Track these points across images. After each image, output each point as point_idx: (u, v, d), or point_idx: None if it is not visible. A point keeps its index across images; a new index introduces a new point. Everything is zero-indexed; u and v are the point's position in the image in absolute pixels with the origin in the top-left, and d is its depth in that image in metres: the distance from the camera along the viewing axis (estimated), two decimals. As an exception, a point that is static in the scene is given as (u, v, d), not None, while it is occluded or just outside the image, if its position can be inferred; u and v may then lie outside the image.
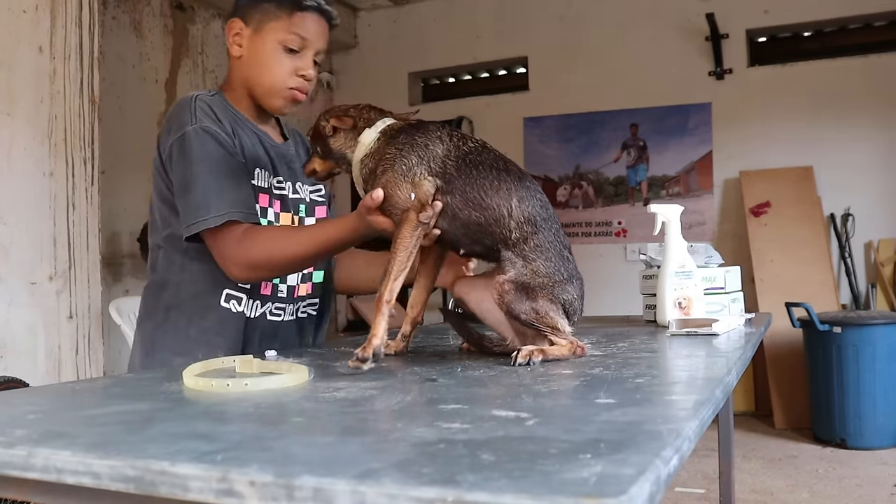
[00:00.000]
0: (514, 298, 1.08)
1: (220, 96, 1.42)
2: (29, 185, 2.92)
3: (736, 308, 1.78)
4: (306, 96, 1.43)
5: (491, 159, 1.15)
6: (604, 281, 5.25)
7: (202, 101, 1.35)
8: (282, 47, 1.38)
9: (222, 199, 1.27)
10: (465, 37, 5.80)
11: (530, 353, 1.05)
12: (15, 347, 2.85)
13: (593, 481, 0.47)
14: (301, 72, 1.40)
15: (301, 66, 1.39)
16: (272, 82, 1.39)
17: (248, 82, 1.42)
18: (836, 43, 5.14)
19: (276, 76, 1.39)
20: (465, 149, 1.14)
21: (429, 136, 1.14)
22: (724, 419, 2.15)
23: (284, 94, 1.41)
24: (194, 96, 1.36)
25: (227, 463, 0.55)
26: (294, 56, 1.39)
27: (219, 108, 1.37)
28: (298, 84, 1.40)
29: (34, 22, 2.94)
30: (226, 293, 1.37)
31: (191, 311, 1.38)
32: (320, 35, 1.41)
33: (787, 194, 4.84)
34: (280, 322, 1.45)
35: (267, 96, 1.41)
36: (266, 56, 1.38)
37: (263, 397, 0.85)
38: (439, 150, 1.13)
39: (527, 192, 1.14)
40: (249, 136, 1.41)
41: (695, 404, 0.73)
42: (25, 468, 0.61)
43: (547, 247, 1.12)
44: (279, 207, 1.43)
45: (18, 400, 0.93)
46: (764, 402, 4.73)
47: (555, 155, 5.61)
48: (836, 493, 3.23)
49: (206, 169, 1.29)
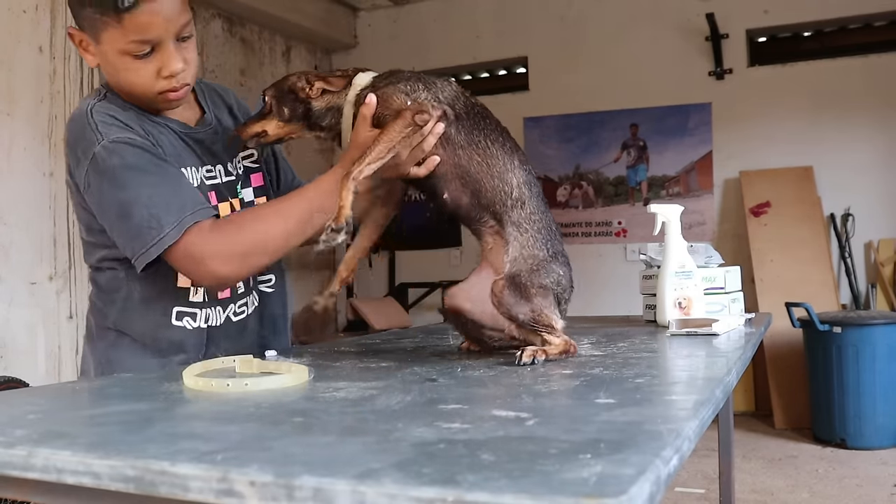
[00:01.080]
0: (513, 301, 1.08)
1: (112, 96, 1.24)
2: (29, 185, 2.92)
3: (736, 308, 1.78)
4: (187, 87, 1.23)
5: (495, 120, 1.20)
6: (604, 281, 5.25)
7: (99, 113, 1.18)
8: (127, 56, 1.16)
9: (170, 207, 1.12)
10: (465, 37, 5.79)
11: (534, 353, 1.06)
12: (15, 347, 2.85)
13: (593, 481, 0.47)
14: (164, 72, 1.18)
15: (161, 65, 1.17)
16: (137, 93, 1.21)
17: (119, 91, 1.24)
18: (836, 43, 5.14)
19: (138, 86, 1.20)
20: (472, 101, 1.18)
21: (436, 78, 1.16)
22: (724, 419, 2.15)
23: (157, 100, 1.22)
24: (87, 108, 1.19)
25: (227, 463, 0.55)
26: (148, 59, 1.17)
27: (119, 111, 1.20)
28: (166, 85, 1.19)
29: (34, 22, 2.94)
30: (176, 311, 1.25)
31: (142, 333, 1.26)
32: (168, 19, 1.15)
33: (787, 194, 4.84)
34: (246, 317, 1.34)
35: (141, 103, 1.24)
36: (118, 69, 1.19)
37: (263, 397, 0.85)
38: (447, 91, 1.15)
39: (524, 158, 1.18)
40: (163, 132, 1.25)
41: (695, 404, 0.73)
42: (25, 468, 0.61)
43: (539, 217, 1.13)
44: (215, 198, 1.28)
45: (18, 400, 0.93)
46: (764, 402, 4.73)
47: (555, 155, 5.61)
48: (836, 493, 3.23)
49: (136, 184, 1.13)
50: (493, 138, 1.15)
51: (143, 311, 1.26)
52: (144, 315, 1.26)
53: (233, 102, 1.43)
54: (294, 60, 5.93)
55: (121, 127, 1.18)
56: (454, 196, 1.14)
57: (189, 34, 1.20)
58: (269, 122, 1.21)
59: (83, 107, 1.21)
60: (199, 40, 5.04)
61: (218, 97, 1.41)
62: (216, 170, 1.31)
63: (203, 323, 1.28)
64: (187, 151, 1.27)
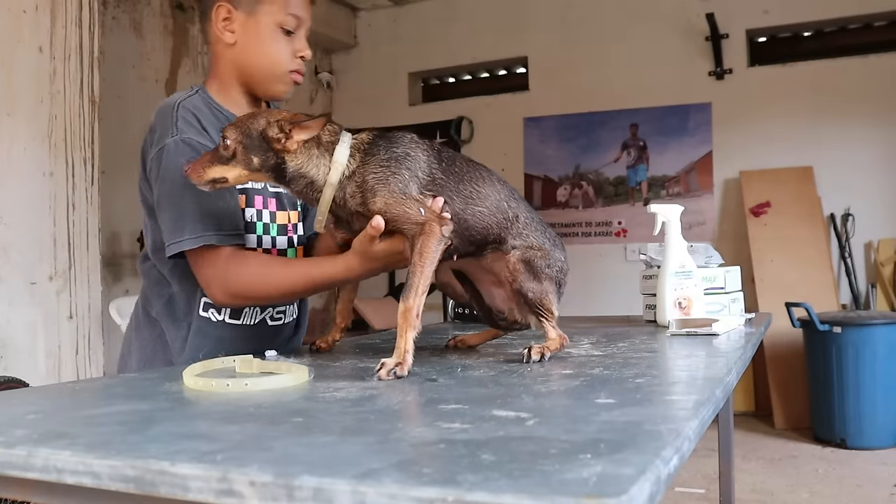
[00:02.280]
0: (525, 277, 1.12)
1: (202, 94, 1.33)
2: (29, 185, 2.92)
3: (736, 308, 1.78)
4: (302, 78, 1.37)
5: (458, 154, 1.17)
6: (604, 281, 5.25)
7: (185, 110, 1.27)
8: (280, 29, 1.31)
9: (198, 220, 1.20)
10: (465, 37, 5.79)
11: (541, 350, 1.09)
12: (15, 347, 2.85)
13: (593, 481, 0.47)
14: (300, 53, 1.34)
15: (299, 47, 1.34)
16: (274, 67, 1.33)
17: (245, 69, 1.34)
18: (836, 43, 5.14)
19: (278, 60, 1.32)
20: (438, 149, 1.14)
21: (408, 146, 1.10)
22: (724, 419, 2.15)
23: (286, 79, 1.34)
24: (177, 103, 1.27)
25: (227, 463, 0.55)
26: (290, 37, 1.33)
27: (204, 115, 1.29)
28: (298, 65, 1.35)
29: (34, 22, 2.94)
30: (203, 301, 1.32)
31: (175, 322, 1.34)
32: (309, 12, 1.36)
33: (787, 194, 4.84)
34: (282, 324, 1.42)
35: (268, 82, 1.34)
36: (265, 40, 1.31)
37: (263, 397, 0.85)
38: (422, 157, 1.10)
39: (496, 175, 1.19)
40: None
41: (695, 404, 0.73)
42: (25, 468, 0.61)
43: (528, 217, 1.17)
44: (275, 206, 1.37)
45: (18, 400, 0.93)
46: (764, 402, 4.73)
47: (555, 155, 5.61)
48: (836, 493, 3.23)
49: (182, 186, 1.20)
50: (476, 177, 1.14)
51: (178, 300, 1.33)
52: (178, 305, 1.33)
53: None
54: (294, 60, 5.93)
55: (197, 130, 1.25)
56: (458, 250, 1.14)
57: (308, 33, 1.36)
58: (232, 169, 1.09)
59: (175, 99, 1.29)
60: (200, 40, 5.05)
61: None
62: None
63: (228, 318, 1.33)
64: None
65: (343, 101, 6.26)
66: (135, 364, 1.38)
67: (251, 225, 1.33)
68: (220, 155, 1.08)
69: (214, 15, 1.33)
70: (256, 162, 1.08)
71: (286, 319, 1.43)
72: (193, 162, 1.10)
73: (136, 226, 4.25)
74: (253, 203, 1.33)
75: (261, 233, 1.35)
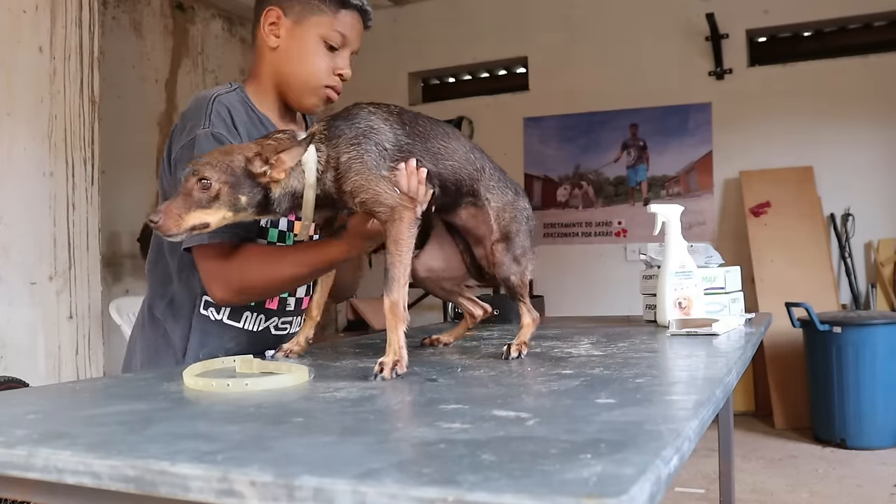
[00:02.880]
0: (507, 260, 1.18)
1: (240, 92, 1.34)
2: (29, 185, 2.92)
3: (736, 308, 1.78)
4: (338, 96, 1.37)
5: (418, 114, 1.18)
6: (604, 281, 5.25)
7: (220, 104, 1.26)
8: (323, 43, 1.32)
9: None
10: (465, 37, 5.79)
11: (518, 348, 1.13)
12: (15, 347, 2.85)
13: (594, 481, 0.47)
14: (339, 70, 1.35)
15: (339, 64, 1.35)
16: (309, 78, 1.33)
17: (282, 76, 1.35)
18: (836, 43, 5.13)
19: (315, 72, 1.33)
20: (398, 112, 1.15)
21: (367, 119, 1.09)
22: (724, 419, 2.15)
23: (320, 93, 1.35)
24: (213, 96, 1.27)
25: (227, 463, 0.55)
26: (333, 54, 1.34)
27: (238, 113, 1.29)
28: (335, 83, 1.36)
29: (34, 22, 2.94)
30: (204, 300, 1.32)
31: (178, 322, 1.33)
32: (359, 35, 1.37)
33: (787, 194, 4.84)
34: (287, 335, 1.40)
35: (301, 92, 1.35)
36: (306, 50, 1.32)
37: (264, 397, 0.85)
38: (385, 127, 1.10)
39: (457, 130, 1.23)
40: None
41: (695, 404, 0.73)
42: (26, 468, 0.61)
43: (492, 169, 1.23)
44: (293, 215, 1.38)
45: (18, 400, 0.93)
46: (764, 402, 4.73)
47: (555, 155, 5.61)
48: (836, 493, 3.23)
49: None
50: (439, 133, 1.17)
51: (180, 297, 1.33)
52: (180, 302, 1.33)
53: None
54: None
55: (228, 126, 1.25)
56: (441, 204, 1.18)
57: (354, 56, 1.38)
58: (215, 212, 1.00)
59: (211, 92, 1.29)
60: (200, 40, 5.05)
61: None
62: None
63: (227, 318, 1.32)
64: None
65: (343, 101, 6.22)
66: (139, 364, 1.38)
67: (263, 231, 1.32)
68: (196, 198, 0.99)
69: (264, 17, 1.34)
70: (244, 200, 1.02)
71: (291, 329, 1.42)
72: (163, 209, 0.98)
73: (136, 226, 4.25)
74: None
75: (275, 239, 1.34)
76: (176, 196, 0.99)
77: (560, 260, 5.47)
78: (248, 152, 1.02)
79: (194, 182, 0.98)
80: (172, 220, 0.98)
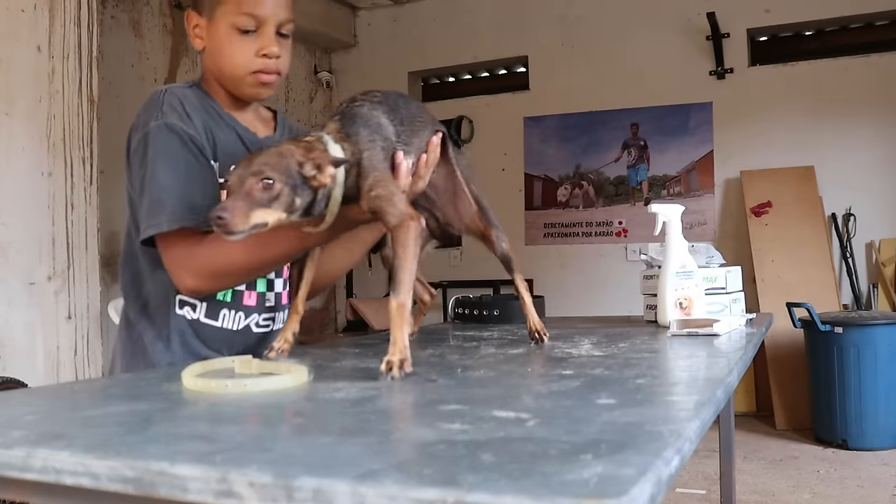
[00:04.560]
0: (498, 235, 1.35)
1: (196, 89, 1.33)
2: (27, 184, 2.92)
3: (737, 308, 1.78)
4: (277, 76, 1.32)
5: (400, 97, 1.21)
6: (604, 281, 5.25)
7: (172, 95, 1.26)
8: (236, 31, 1.28)
9: (178, 202, 1.19)
10: (465, 36, 5.80)
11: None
12: (13, 348, 2.85)
13: (594, 482, 0.47)
14: (262, 51, 1.29)
15: (261, 45, 1.29)
16: (234, 70, 1.30)
17: (216, 74, 1.34)
18: (837, 42, 5.13)
19: (237, 62, 1.30)
20: (390, 101, 1.17)
21: (374, 115, 1.12)
22: (725, 420, 2.15)
23: (249, 80, 1.31)
24: (165, 89, 1.27)
25: (226, 464, 0.54)
26: (251, 37, 1.29)
27: (191, 103, 1.28)
28: (261, 65, 1.30)
29: (33, 21, 2.94)
30: (179, 299, 1.29)
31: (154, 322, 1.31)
32: (275, 5, 1.30)
33: (788, 194, 4.84)
34: (269, 332, 1.37)
35: (234, 85, 1.33)
36: (222, 43, 1.30)
37: (263, 398, 0.85)
38: (384, 120, 1.13)
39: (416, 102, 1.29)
40: (226, 132, 1.33)
41: (696, 405, 0.73)
42: (23, 469, 0.60)
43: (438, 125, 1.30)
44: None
45: (17, 400, 0.93)
46: (765, 402, 4.73)
47: (555, 154, 5.61)
48: (837, 493, 3.23)
49: (163, 168, 1.20)
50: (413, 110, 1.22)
51: (153, 300, 1.31)
52: (154, 305, 1.31)
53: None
54: (294, 59, 5.93)
55: (181, 115, 1.25)
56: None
57: (287, 33, 1.32)
58: (273, 212, 0.99)
59: (165, 87, 1.30)
60: (200, 40, 5.04)
61: (295, 131, 1.48)
62: None
63: (203, 317, 1.30)
64: (244, 154, 1.33)
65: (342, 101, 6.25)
66: (119, 369, 1.35)
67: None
68: (258, 198, 0.98)
69: (186, 23, 1.34)
70: (299, 203, 1.01)
71: (274, 326, 1.38)
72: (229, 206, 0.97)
73: (136, 226, 4.25)
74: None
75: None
76: (236, 195, 0.98)
77: (560, 260, 5.47)
78: (299, 156, 1.02)
79: (255, 182, 0.98)
80: (239, 217, 0.96)
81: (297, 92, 5.95)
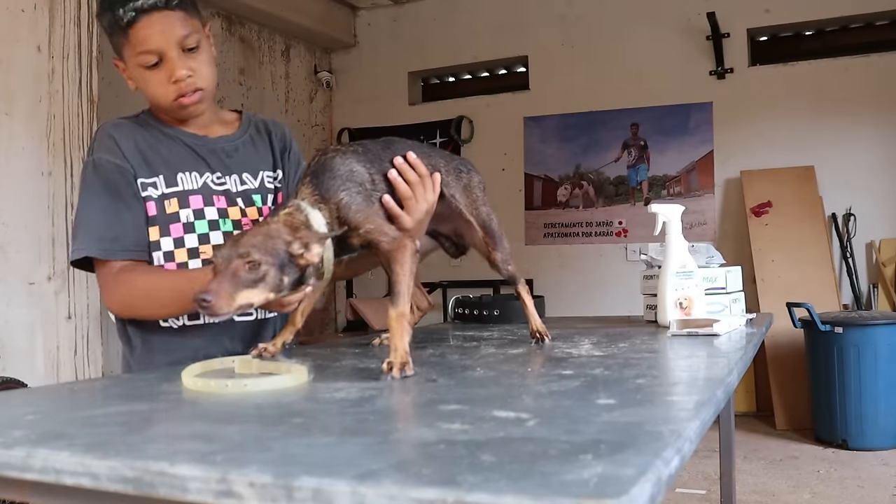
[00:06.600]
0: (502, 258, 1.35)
1: (144, 115, 1.40)
2: (27, 184, 2.92)
3: (737, 308, 1.78)
4: (200, 93, 1.33)
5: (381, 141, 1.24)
6: (604, 281, 5.24)
7: (103, 131, 1.35)
8: (143, 69, 1.31)
9: (88, 233, 1.28)
10: (465, 36, 5.79)
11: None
12: (13, 348, 2.84)
13: (594, 482, 0.47)
14: (172, 79, 1.30)
15: (168, 73, 1.30)
16: (157, 101, 1.35)
17: (151, 106, 1.40)
18: (837, 42, 5.13)
19: (157, 95, 1.33)
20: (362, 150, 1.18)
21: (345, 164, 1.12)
22: (725, 420, 2.15)
23: (174, 106, 1.34)
24: (101, 127, 1.38)
25: (226, 464, 0.54)
26: (160, 67, 1.30)
27: (124, 133, 1.34)
28: (177, 91, 1.31)
29: (33, 21, 2.94)
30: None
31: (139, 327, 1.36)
32: (165, 31, 1.28)
33: (788, 194, 4.84)
34: (254, 321, 1.38)
35: (167, 112, 1.38)
36: (140, 82, 1.34)
37: (263, 398, 0.85)
38: (361, 168, 1.14)
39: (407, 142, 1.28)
40: (169, 145, 1.37)
41: (696, 405, 0.73)
42: (24, 469, 0.60)
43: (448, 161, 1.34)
44: (225, 202, 1.37)
45: (17, 400, 0.93)
46: (765, 402, 4.73)
47: (555, 154, 5.61)
48: (837, 494, 3.23)
49: (84, 201, 1.31)
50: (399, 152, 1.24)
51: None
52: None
53: (274, 131, 1.50)
54: (293, 60, 5.93)
55: (109, 149, 1.32)
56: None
57: (194, 45, 1.31)
58: (260, 293, 1.00)
59: (107, 123, 1.38)
60: (200, 40, 5.04)
61: (262, 125, 1.50)
62: (229, 178, 1.40)
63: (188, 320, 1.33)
64: (193, 159, 1.38)
65: (342, 101, 6.26)
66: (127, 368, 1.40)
67: (189, 225, 1.33)
68: (244, 279, 0.98)
69: (117, 69, 1.39)
70: (286, 281, 1.02)
71: (258, 315, 1.38)
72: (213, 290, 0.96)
73: (136, 226, 4.25)
74: (188, 204, 1.33)
75: (206, 230, 1.34)
76: (221, 276, 0.98)
77: (560, 260, 5.47)
78: (286, 235, 1.02)
79: (241, 263, 0.98)
80: (224, 300, 0.97)
81: (297, 92, 5.95)
